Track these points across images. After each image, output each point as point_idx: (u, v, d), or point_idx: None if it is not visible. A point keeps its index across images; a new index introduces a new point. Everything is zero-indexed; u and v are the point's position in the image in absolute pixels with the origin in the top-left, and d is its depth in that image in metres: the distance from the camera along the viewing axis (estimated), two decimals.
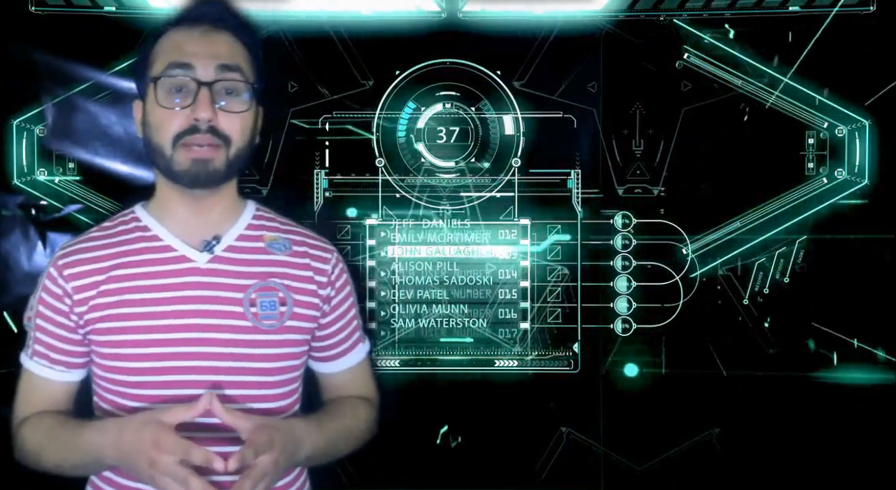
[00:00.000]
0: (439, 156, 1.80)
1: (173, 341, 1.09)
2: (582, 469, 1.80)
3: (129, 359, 1.10)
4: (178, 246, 1.14)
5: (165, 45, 1.12)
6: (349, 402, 1.26)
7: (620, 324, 1.81)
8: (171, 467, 0.95)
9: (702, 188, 1.79)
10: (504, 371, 1.80)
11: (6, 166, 1.73)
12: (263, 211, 1.24)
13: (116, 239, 1.16)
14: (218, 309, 1.11)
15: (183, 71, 1.08)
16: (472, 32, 1.76)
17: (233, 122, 1.10)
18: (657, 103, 1.78)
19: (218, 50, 1.10)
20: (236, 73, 1.10)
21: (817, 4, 1.75)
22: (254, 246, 1.17)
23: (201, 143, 1.08)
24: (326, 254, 1.23)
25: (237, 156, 1.11)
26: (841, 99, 1.76)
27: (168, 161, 1.09)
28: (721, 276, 1.78)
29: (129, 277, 1.11)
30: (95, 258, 1.13)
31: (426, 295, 1.81)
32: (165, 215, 1.17)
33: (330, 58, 1.76)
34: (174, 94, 1.08)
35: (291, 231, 1.23)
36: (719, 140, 1.78)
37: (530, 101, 1.78)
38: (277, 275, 1.16)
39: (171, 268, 1.12)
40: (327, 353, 1.25)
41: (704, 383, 1.78)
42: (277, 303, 1.13)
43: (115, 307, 1.11)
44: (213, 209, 1.16)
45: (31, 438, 1.13)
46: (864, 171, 1.76)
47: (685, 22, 1.76)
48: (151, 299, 1.10)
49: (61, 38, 1.72)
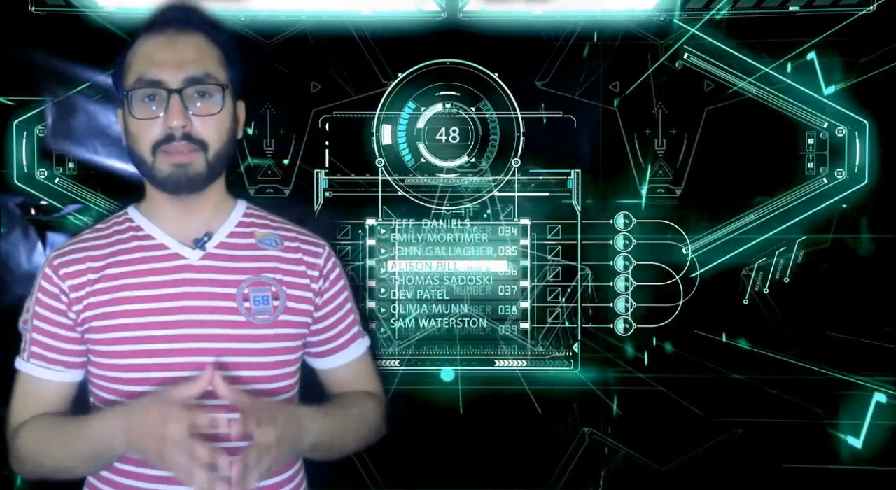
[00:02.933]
0: (439, 156, 1.80)
1: (169, 337, 1.10)
2: (597, 470, 1.80)
3: (125, 356, 1.11)
4: (170, 244, 1.16)
5: (136, 55, 1.13)
6: (355, 396, 1.26)
7: (621, 324, 1.81)
8: (179, 436, 0.95)
9: (702, 188, 1.79)
10: (504, 371, 1.80)
11: (6, 166, 1.73)
12: (254, 208, 1.26)
13: (111, 239, 1.17)
14: (212, 305, 1.12)
15: (152, 82, 1.09)
16: (473, 32, 1.76)
17: (207, 125, 1.11)
18: (676, 103, 1.78)
19: (185, 55, 1.11)
20: (205, 77, 1.11)
21: (817, 4, 1.75)
22: (245, 242, 1.19)
23: (179, 151, 1.10)
24: (318, 248, 1.24)
25: (216, 157, 1.13)
26: (841, 99, 1.76)
27: (150, 169, 1.12)
28: (721, 276, 1.78)
29: (124, 275, 1.13)
30: (90, 258, 1.14)
31: (426, 295, 1.81)
32: (157, 215, 1.18)
33: (351, 57, 1.76)
34: (147, 103, 1.10)
35: (282, 227, 1.25)
36: (720, 140, 1.78)
37: (554, 102, 1.78)
38: (269, 270, 1.17)
39: (164, 265, 1.14)
40: (325, 347, 1.26)
41: (705, 383, 1.78)
42: (270, 297, 1.15)
43: (110, 305, 1.12)
44: (202, 207, 1.18)
45: (30, 441, 1.11)
46: (864, 171, 1.77)
47: (684, 21, 1.76)
48: (146, 296, 1.11)
49: (61, 37, 1.72)
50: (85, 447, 1.07)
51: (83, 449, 1.08)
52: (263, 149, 1.77)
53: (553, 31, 1.77)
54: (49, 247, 1.73)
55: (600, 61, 1.78)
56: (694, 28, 1.76)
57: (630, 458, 1.80)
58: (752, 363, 1.77)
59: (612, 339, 1.81)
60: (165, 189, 1.13)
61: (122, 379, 1.12)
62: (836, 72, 1.75)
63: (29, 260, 1.74)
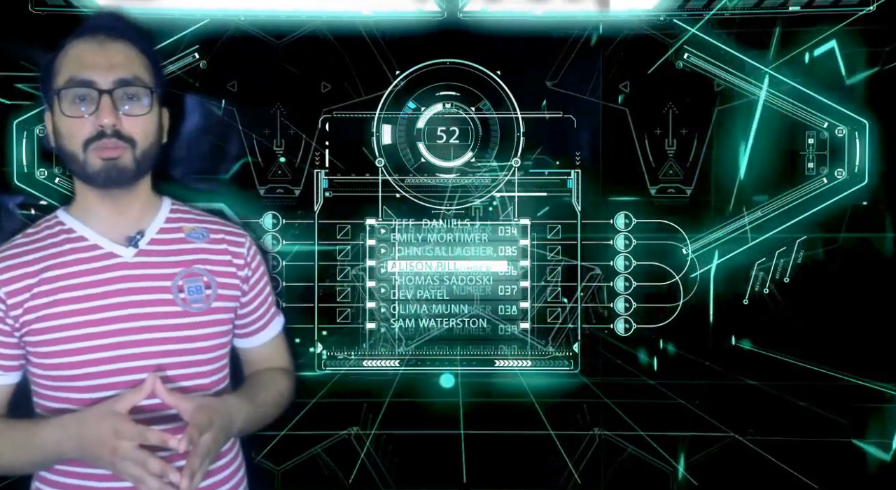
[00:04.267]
0: (439, 156, 1.80)
1: (109, 333, 1.17)
2: (598, 470, 1.80)
3: (68, 354, 1.17)
4: (103, 244, 1.22)
5: (66, 58, 1.20)
6: (270, 374, 1.39)
7: (621, 324, 1.81)
8: (131, 451, 1.05)
9: (702, 188, 1.79)
10: (504, 371, 1.80)
11: (6, 166, 1.73)
12: (178, 204, 1.34)
13: (43, 243, 1.23)
14: (149, 298, 1.20)
15: (84, 82, 1.16)
16: (472, 32, 1.76)
17: (135, 124, 1.18)
18: (687, 104, 1.78)
19: (115, 59, 1.18)
20: (134, 79, 1.18)
21: (817, 4, 1.75)
22: (174, 237, 1.27)
23: (109, 146, 1.16)
24: (241, 238, 1.34)
25: (144, 154, 1.20)
26: (841, 99, 1.76)
27: (82, 165, 1.18)
28: (721, 275, 1.78)
29: (60, 278, 1.19)
30: (25, 263, 1.20)
31: (426, 295, 1.81)
32: (88, 216, 1.24)
33: (351, 58, 1.77)
34: (78, 103, 1.17)
35: (206, 221, 1.33)
36: (720, 140, 1.78)
37: (565, 101, 1.78)
38: (199, 261, 1.26)
39: (99, 265, 1.20)
40: (248, 328, 1.37)
41: (705, 383, 1.78)
42: (203, 287, 1.24)
43: (49, 307, 1.17)
44: (131, 206, 1.24)
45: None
46: (864, 171, 1.77)
47: (685, 21, 1.76)
48: (84, 296, 1.18)
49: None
50: (34, 452, 1.15)
51: (32, 453, 1.15)
52: (273, 149, 1.77)
53: (553, 31, 1.77)
54: None
55: (600, 61, 1.78)
56: (694, 28, 1.76)
57: (630, 459, 1.80)
58: (756, 365, 1.77)
59: (612, 339, 1.81)
60: (96, 184, 1.19)
61: (67, 376, 1.17)
62: (837, 72, 1.75)
63: None
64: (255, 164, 1.76)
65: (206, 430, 1.10)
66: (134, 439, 1.06)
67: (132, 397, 1.10)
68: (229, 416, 1.18)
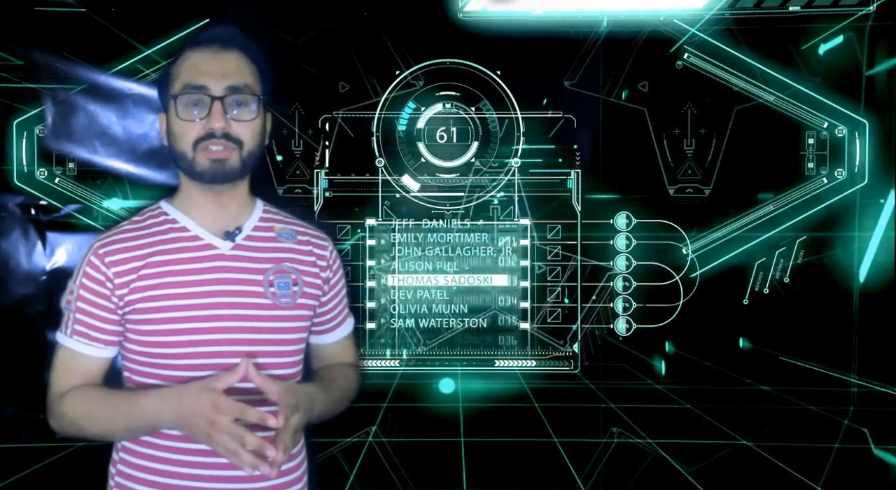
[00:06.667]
0: (439, 156, 1.81)
1: (207, 317, 1.26)
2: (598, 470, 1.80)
3: (168, 333, 1.26)
4: (204, 235, 1.31)
5: (183, 66, 1.30)
6: (342, 367, 1.47)
7: (622, 323, 1.81)
8: (229, 426, 1.13)
9: (702, 188, 1.79)
10: (504, 371, 1.80)
11: (6, 166, 1.73)
12: (269, 207, 1.42)
13: (149, 231, 1.32)
14: (243, 289, 1.29)
15: (198, 88, 1.26)
16: (473, 32, 1.77)
17: (243, 128, 1.28)
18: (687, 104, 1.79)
19: (227, 68, 1.28)
20: (244, 87, 1.28)
21: (817, 4, 1.76)
22: (266, 235, 1.35)
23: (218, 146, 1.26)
24: (325, 242, 1.43)
25: (249, 156, 1.29)
26: (841, 99, 1.76)
27: (191, 163, 1.27)
28: (721, 276, 1.78)
29: (165, 263, 1.28)
30: (133, 247, 1.29)
31: (426, 294, 1.81)
32: (190, 209, 1.33)
33: (352, 58, 1.78)
34: (192, 107, 1.27)
35: (294, 224, 1.42)
36: (720, 141, 1.78)
37: (582, 101, 1.79)
38: (288, 260, 1.35)
39: (199, 254, 1.30)
40: (325, 326, 1.45)
41: (706, 384, 1.78)
42: (291, 283, 1.33)
43: (154, 289, 1.27)
44: (231, 202, 1.33)
45: (75, 408, 1.27)
46: (864, 171, 1.77)
47: (682, 21, 1.76)
48: (186, 282, 1.27)
49: (63, 37, 1.72)
50: (133, 418, 1.24)
51: (129, 420, 1.24)
52: (292, 149, 1.78)
53: (553, 30, 1.77)
54: (49, 246, 1.74)
55: (600, 61, 1.78)
56: (694, 28, 1.76)
57: (632, 458, 1.80)
58: (756, 364, 1.77)
59: (612, 338, 1.81)
60: (203, 180, 1.28)
61: (163, 354, 1.26)
62: (837, 72, 1.75)
63: (29, 260, 1.74)
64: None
65: (295, 411, 1.18)
66: (233, 414, 1.13)
67: (228, 378, 1.18)
68: (311, 401, 1.25)
